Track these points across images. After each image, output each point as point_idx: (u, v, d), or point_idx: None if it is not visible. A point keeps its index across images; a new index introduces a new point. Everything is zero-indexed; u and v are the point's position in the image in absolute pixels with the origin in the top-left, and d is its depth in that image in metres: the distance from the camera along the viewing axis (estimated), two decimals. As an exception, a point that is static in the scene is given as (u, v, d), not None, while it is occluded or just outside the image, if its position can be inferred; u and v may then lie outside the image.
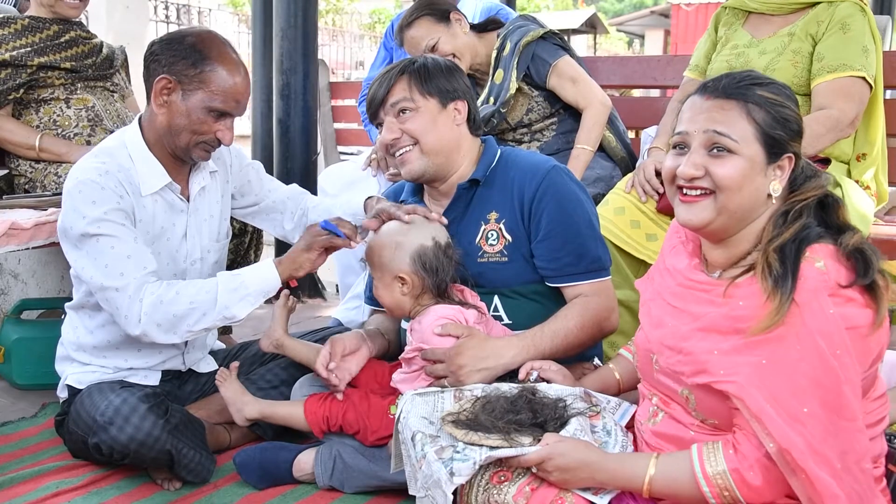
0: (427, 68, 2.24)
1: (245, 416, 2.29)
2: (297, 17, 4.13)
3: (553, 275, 2.21)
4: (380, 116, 2.27)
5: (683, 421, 1.64)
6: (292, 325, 2.54)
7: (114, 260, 2.12)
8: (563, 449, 1.57)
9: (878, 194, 2.83)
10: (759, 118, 1.55)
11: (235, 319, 2.20)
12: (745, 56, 2.78)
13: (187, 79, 2.16)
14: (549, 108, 3.20)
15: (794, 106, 1.60)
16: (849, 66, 2.57)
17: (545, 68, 3.12)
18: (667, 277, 1.75)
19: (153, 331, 2.12)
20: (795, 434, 1.41)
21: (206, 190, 2.41)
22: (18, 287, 3.41)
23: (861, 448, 1.44)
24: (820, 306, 1.43)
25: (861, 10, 2.63)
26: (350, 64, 14.61)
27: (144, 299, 2.10)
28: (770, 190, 1.58)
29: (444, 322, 2.10)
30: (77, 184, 2.16)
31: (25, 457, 2.43)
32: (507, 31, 3.21)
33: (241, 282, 2.18)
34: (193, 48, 2.17)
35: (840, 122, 2.55)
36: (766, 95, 1.57)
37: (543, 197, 2.19)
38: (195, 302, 2.13)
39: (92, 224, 2.12)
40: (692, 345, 1.58)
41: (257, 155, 5.04)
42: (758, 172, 1.56)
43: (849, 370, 1.42)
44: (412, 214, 2.21)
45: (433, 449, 1.62)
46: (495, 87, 3.18)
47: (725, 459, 1.49)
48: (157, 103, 2.20)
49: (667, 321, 1.68)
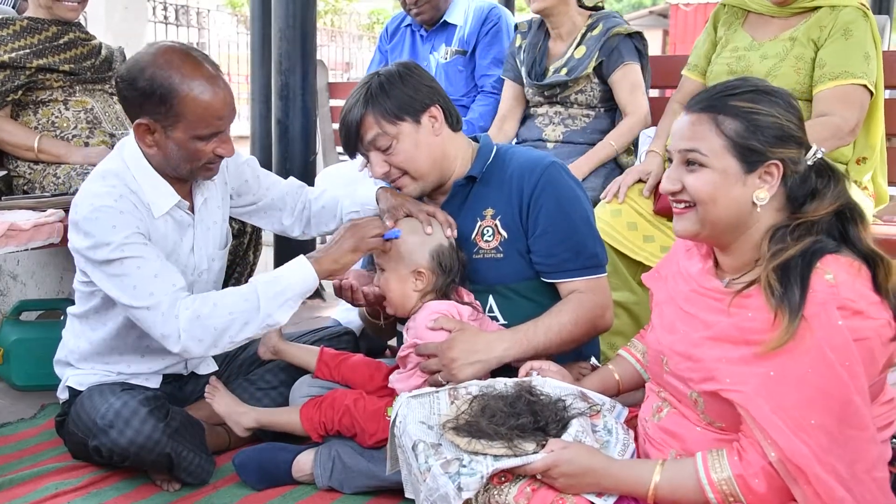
0: (384, 89, 2.16)
1: (243, 427, 2.29)
2: (296, 17, 4.13)
3: (549, 270, 2.21)
4: (360, 152, 2.24)
5: (690, 418, 1.65)
6: (292, 324, 2.54)
7: (141, 281, 2.05)
8: (568, 456, 1.57)
9: (877, 195, 2.83)
10: (729, 129, 1.56)
11: (277, 325, 2.14)
12: (745, 60, 2.77)
13: (162, 117, 2.06)
14: (596, 101, 3.23)
15: (780, 110, 1.57)
16: (850, 74, 2.56)
17: (617, 63, 3.16)
18: (680, 281, 1.75)
19: (194, 346, 2.05)
20: (801, 444, 1.42)
21: (208, 200, 2.37)
22: (17, 288, 3.41)
23: (871, 457, 1.44)
24: (828, 319, 1.43)
25: (864, 16, 2.62)
26: (347, 64, 14.59)
27: (181, 315, 2.03)
28: (754, 199, 1.57)
29: (436, 316, 2.11)
30: (93, 210, 2.07)
31: (25, 458, 2.43)
32: (602, 15, 3.26)
33: (282, 287, 2.11)
34: (153, 82, 2.04)
35: (841, 129, 2.55)
36: (738, 105, 1.57)
37: (542, 193, 2.18)
38: (235, 312, 2.07)
39: (116, 249, 2.05)
40: (702, 352, 1.59)
41: (256, 155, 5.01)
42: (733, 183, 1.57)
43: (858, 380, 1.42)
44: (431, 217, 2.21)
45: (438, 462, 1.61)
46: (573, 61, 3.21)
47: (730, 466, 1.49)
48: (144, 145, 2.14)
49: (678, 327, 1.69)
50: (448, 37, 3.77)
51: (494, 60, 3.64)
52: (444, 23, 3.75)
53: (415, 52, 3.89)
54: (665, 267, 1.87)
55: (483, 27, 3.72)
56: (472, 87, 3.77)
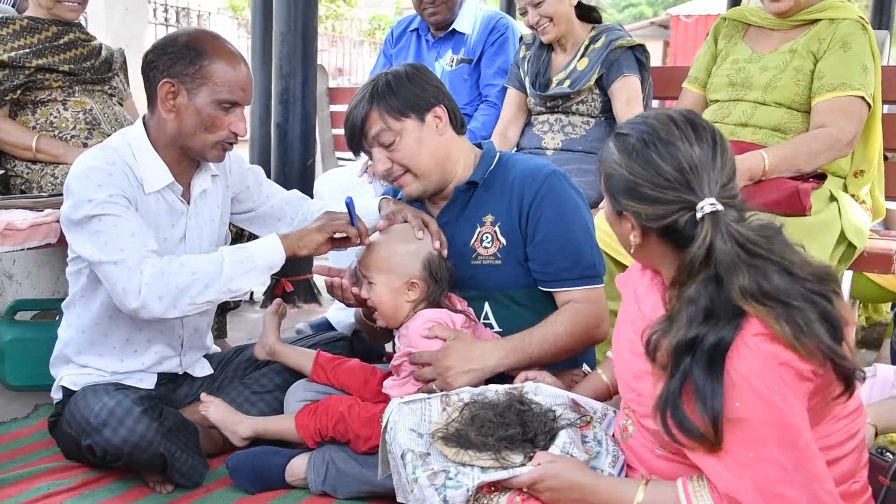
0: (391, 86, 2.19)
1: (240, 437, 2.29)
2: (297, 21, 4.13)
3: (546, 279, 2.21)
4: (364, 149, 2.26)
5: (647, 441, 1.64)
6: (289, 328, 2.54)
7: (115, 237, 2.09)
8: (555, 471, 1.57)
9: (875, 209, 2.84)
10: (603, 169, 1.63)
11: (240, 292, 2.16)
12: (745, 71, 2.78)
13: (189, 78, 2.16)
14: (597, 111, 3.24)
15: (642, 164, 1.52)
16: (848, 86, 2.57)
17: (616, 75, 3.17)
18: (632, 300, 1.73)
19: (153, 303, 2.06)
20: (741, 479, 1.39)
21: (206, 193, 2.40)
22: (13, 288, 3.40)
23: (821, 471, 1.41)
24: (747, 349, 1.39)
25: (862, 28, 2.63)
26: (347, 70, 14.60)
27: (145, 270, 2.06)
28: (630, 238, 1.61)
29: (430, 325, 2.10)
30: (84, 169, 2.15)
31: (17, 458, 2.43)
32: (604, 28, 3.28)
33: (247, 255, 2.15)
34: (187, 47, 2.17)
35: (839, 140, 2.56)
36: (611, 146, 1.60)
37: (542, 201, 2.18)
38: (198, 273, 2.09)
39: (97, 206, 2.10)
40: (642, 387, 1.58)
41: (255, 159, 5.04)
42: (613, 220, 1.65)
43: (790, 401, 1.38)
44: (422, 229, 2.21)
45: (425, 474, 1.62)
46: (575, 73, 3.23)
47: (713, 499, 1.46)
48: (164, 109, 2.19)
49: (625, 353, 1.68)
50: (455, 44, 3.77)
51: (499, 70, 3.64)
52: (452, 30, 3.76)
53: (420, 58, 3.89)
54: (630, 274, 1.83)
55: (490, 37, 3.72)
56: (476, 96, 3.77)
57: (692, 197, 1.48)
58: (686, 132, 1.52)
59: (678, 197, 1.49)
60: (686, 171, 1.49)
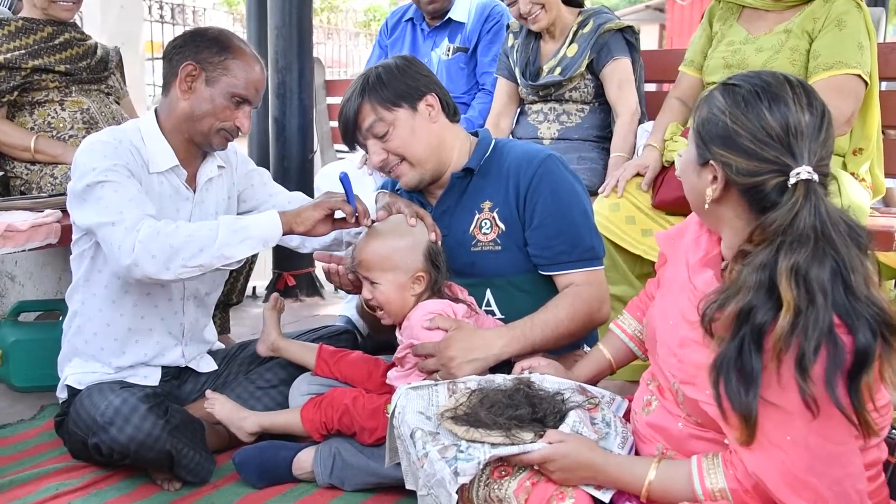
0: (381, 79, 2.21)
1: (247, 432, 2.29)
2: (292, 15, 4.13)
3: (546, 262, 2.21)
4: (358, 142, 2.27)
5: (672, 412, 1.63)
6: (292, 323, 2.54)
7: (115, 201, 2.12)
8: (565, 450, 1.57)
9: (874, 186, 2.84)
10: (699, 115, 1.56)
11: (232, 260, 2.16)
12: (741, 53, 2.78)
13: (212, 66, 2.24)
14: (590, 97, 3.25)
15: (745, 113, 1.48)
16: (844, 64, 2.57)
17: (607, 58, 3.18)
18: (681, 265, 1.71)
19: (146, 261, 2.06)
20: (771, 460, 1.39)
21: (212, 183, 2.42)
22: (15, 289, 3.41)
23: (857, 470, 1.40)
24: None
25: (857, 6, 2.63)
26: (343, 62, 14.56)
27: (141, 230, 2.08)
28: (706, 193, 1.55)
29: (432, 316, 2.11)
30: (91, 143, 2.22)
31: (24, 459, 2.43)
32: (592, 11, 3.28)
33: (244, 224, 2.16)
34: (216, 40, 2.27)
35: (836, 119, 2.53)
36: (715, 93, 1.55)
37: (539, 185, 2.19)
38: (194, 236, 2.10)
39: (100, 173, 2.14)
40: (686, 353, 1.57)
41: (253, 154, 5.02)
42: (691, 171, 1.59)
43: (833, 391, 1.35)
44: (415, 218, 2.20)
45: (436, 448, 1.61)
46: (566, 60, 3.23)
47: (726, 479, 1.46)
48: (181, 89, 2.25)
49: (670, 316, 1.66)
50: (451, 33, 3.77)
51: (496, 58, 3.64)
52: (448, 19, 3.75)
53: (415, 47, 3.89)
54: (679, 236, 1.79)
55: (485, 25, 3.72)
56: (472, 85, 3.77)
57: (790, 160, 1.44)
58: (800, 97, 1.49)
59: (776, 157, 1.45)
60: (791, 133, 1.45)
